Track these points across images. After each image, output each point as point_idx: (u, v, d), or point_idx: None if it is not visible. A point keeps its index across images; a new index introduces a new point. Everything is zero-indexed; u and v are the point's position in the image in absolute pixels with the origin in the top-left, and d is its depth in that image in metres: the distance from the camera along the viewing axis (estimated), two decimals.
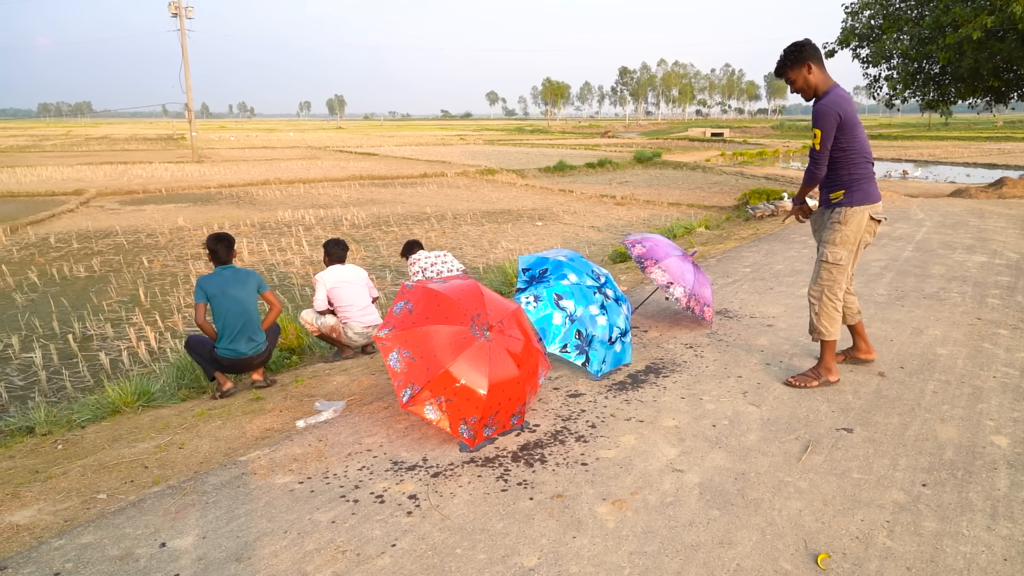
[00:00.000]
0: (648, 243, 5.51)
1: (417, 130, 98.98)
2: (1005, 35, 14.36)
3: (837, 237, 4.07)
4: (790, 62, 3.96)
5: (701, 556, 2.62)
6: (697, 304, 5.30)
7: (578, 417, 3.87)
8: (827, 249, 4.11)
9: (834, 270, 4.10)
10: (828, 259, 4.10)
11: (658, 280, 5.27)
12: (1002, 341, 5.13)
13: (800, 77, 3.96)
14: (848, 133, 3.89)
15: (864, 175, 4.01)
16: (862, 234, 4.07)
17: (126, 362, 6.61)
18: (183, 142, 52.03)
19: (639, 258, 5.41)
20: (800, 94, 4.04)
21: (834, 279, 4.11)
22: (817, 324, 4.17)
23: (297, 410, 4.20)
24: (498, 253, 11.61)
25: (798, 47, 3.95)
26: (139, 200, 19.27)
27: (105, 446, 3.89)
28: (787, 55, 3.98)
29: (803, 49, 3.93)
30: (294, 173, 26.43)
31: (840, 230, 4.06)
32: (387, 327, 3.57)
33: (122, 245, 12.60)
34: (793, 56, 3.95)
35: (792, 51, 3.96)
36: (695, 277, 5.41)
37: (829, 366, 4.22)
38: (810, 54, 3.93)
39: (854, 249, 4.11)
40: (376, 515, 2.90)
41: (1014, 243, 9.17)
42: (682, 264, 5.40)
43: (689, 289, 5.27)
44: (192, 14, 35.60)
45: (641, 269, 5.43)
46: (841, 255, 4.07)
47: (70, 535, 2.79)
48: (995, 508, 2.95)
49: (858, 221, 4.03)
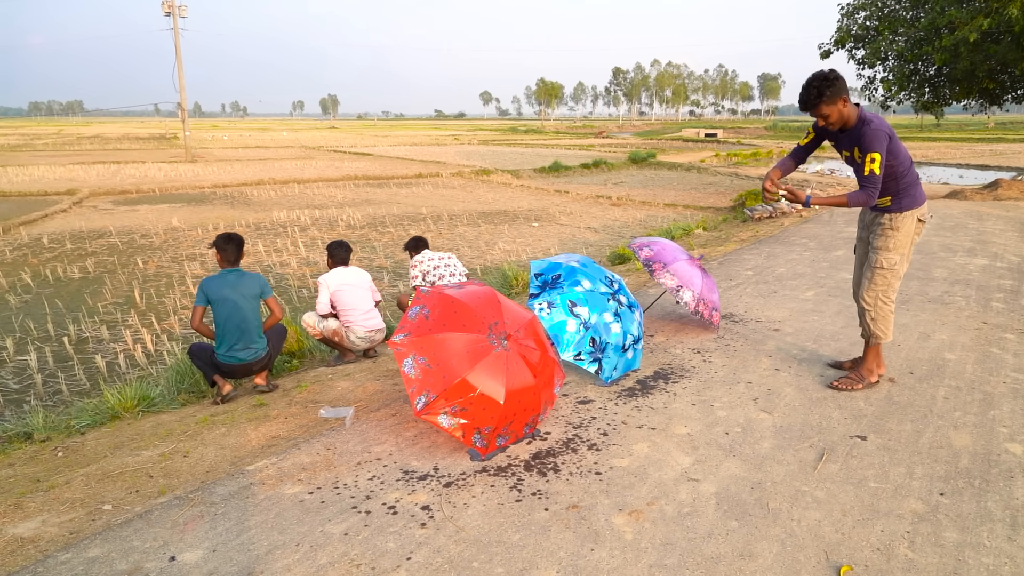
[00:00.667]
0: (656, 247, 5.48)
1: (411, 130, 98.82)
2: (1000, 37, 14.40)
3: (890, 243, 4.08)
4: (827, 96, 3.76)
5: (722, 569, 2.58)
6: (706, 308, 5.27)
7: (589, 425, 3.82)
8: (880, 255, 4.11)
9: (889, 275, 4.12)
10: (883, 265, 4.11)
11: (667, 284, 5.23)
12: (1009, 346, 5.11)
13: (835, 111, 3.82)
14: (896, 146, 3.88)
15: (912, 181, 4.03)
16: (912, 236, 4.11)
17: (122, 365, 6.53)
18: (176, 141, 51.78)
19: (647, 261, 5.37)
20: (829, 127, 3.93)
21: (888, 283, 4.14)
22: (874, 328, 4.20)
23: (303, 416, 4.14)
24: (495, 254, 11.56)
25: (832, 80, 3.76)
26: (133, 200, 19.13)
27: (107, 454, 3.82)
28: (821, 90, 3.76)
29: (837, 82, 3.76)
30: (288, 173, 26.30)
31: (892, 236, 4.07)
32: (402, 332, 3.50)
33: (116, 246, 12.49)
34: (830, 90, 3.75)
35: (827, 84, 3.75)
36: (703, 281, 5.38)
37: (873, 367, 4.30)
38: (844, 87, 3.78)
39: (906, 253, 4.13)
40: (389, 527, 2.84)
41: (1014, 246, 9.18)
42: (690, 268, 5.37)
43: (698, 293, 5.24)
44: (186, 13, 35.41)
45: (650, 273, 5.38)
46: (895, 260, 4.09)
47: (76, 548, 2.72)
48: (1015, 518, 2.92)
49: (908, 226, 4.06)
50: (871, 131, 3.78)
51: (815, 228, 10.91)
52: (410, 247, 6.49)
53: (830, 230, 10.61)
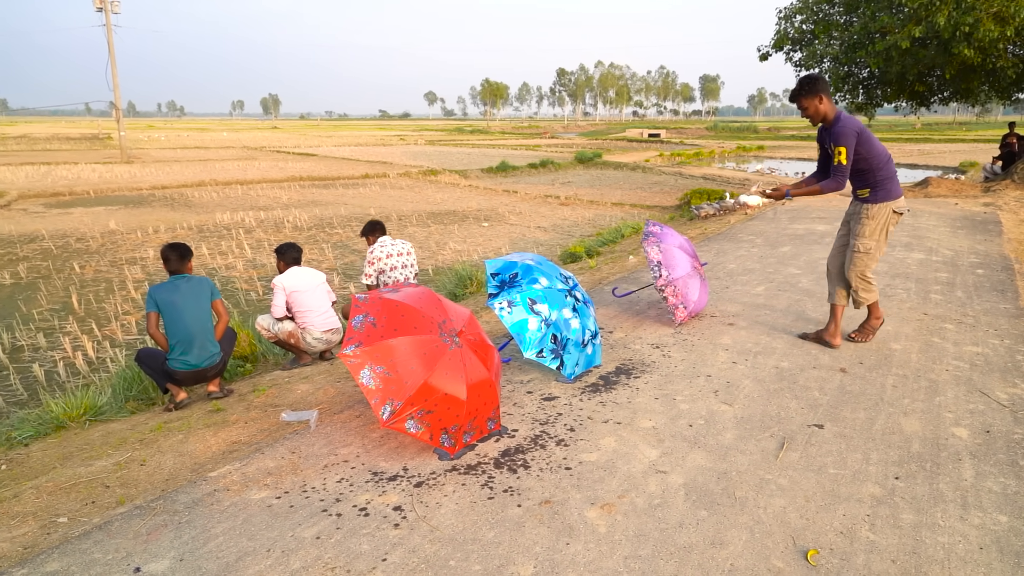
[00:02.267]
0: (666, 230, 5.84)
1: (355, 130, 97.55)
2: (929, 43, 15.04)
3: (866, 230, 4.77)
4: (805, 91, 4.55)
5: (695, 558, 2.62)
6: (675, 295, 5.46)
7: (555, 421, 3.84)
8: (858, 241, 4.81)
9: (865, 257, 4.81)
10: (860, 249, 4.81)
11: (650, 255, 5.53)
12: (949, 335, 5.34)
13: (812, 105, 4.57)
14: (868, 144, 4.55)
15: (887, 176, 4.69)
16: (887, 224, 4.76)
17: (63, 374, 6.28)
18: (110, 142, 49.94)
19: (648, 233, 5.72)
20: (810, 120, 4.65)
21: (866, 263, 4.83)
22: (860, 298, 4.94)
23: (263, 421, 4.05)
24: (447, 255, 11.51)
25: (813, 80, 4.55)
26: (66, 203, 18.38)
27: (56, 465, 3.66)
28: (803, 86, 4.57)
29: (817, 82, 4.53)
30: (231, 174, 25.66)
31: (867, 223, 4.76)
32: (352, 343, 3.38)
33: (50, 250, 11.99)
34: (808, 87, 4.54)
35: (808, 82, 4.56)
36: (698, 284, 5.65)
37: (877, 314, 5.08)
38: (823, 87, 4.52)
39: (880, 238, 4.78)
40: (362, 529, 2.80)
41: (947, 240, 9.60)
42: (683, 258, 5.61)
43: (673, 277, 5.45)
44: (118, 8, 34.20)
45: (644, 239, 5.70)
46: (870, 245, 4.78)
47: (33, 563, 2.60)
48: (965, 498, 3.06)
49: (883, 215, 4.73)
50: (839, 128, 4.54)
51: (761, 225, 11.20)
52: (367, 232, 6.34)
53: (775, 227, 10.91)
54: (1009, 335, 5.35)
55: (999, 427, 3.76)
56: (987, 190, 16.19)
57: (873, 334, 5.14)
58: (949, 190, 16.21)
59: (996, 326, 5.58)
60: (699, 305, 5.69)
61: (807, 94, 4.57)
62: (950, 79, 16.42)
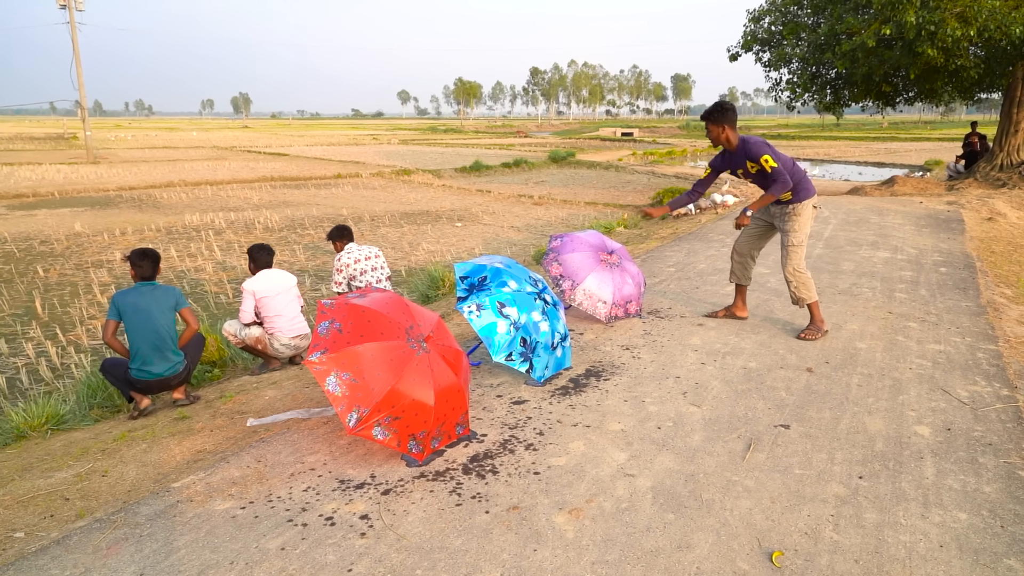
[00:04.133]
0: (567, 238, 5.90)
1: (328, 129, 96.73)
2: (894, 43, 15.30)
3: (795, 226, 5.18)
4: (714, 118, 5.02)
5: (661, 561, 2.64)
6: (589, 299, 5.60)
7: (525, 425, 3.84)
8: (791, 236, 5.20)
9: (799, 250, 5.20)
10: (794, 243, 5.20)
11: (551, 273, 5.70)
12: (913, 334, 5.43)
13: (715, 131, 5.06)
14: (776, 154, 5.00)
15: (800, 177, 5.13)
16: (810, 221, 5.24)
17: (25, 381, 6.14)
18: (75, 141, 48.97)
19: (549, 250, 5.86)
20: (712, 142, 5.12)
21: (800, 256, 5.20)
22: (799, 294, 5.25)
23: (229, 428, 3.99)
24: (420, 256, 11.46)
25: (724, 110, 4.99)
26: (29, 204, 17.98)
27: (15, 477, 3.57)
28: (712, 113, 5.02)
29: (727, 112, 4.99)
30: (200, 175, 25.30)
31: (797, 219, 5.18)
32: (318, 350, 3.33)
33: (12, 253, 11.71)
34: (718, 115, 5.00)
35: (718, 111, 5.00)
36: (615, 275, 5.71)
37: (821, 318, 5.34)
38: (731, 120, 5.01)
39: (807, 232, 5.22)
40: (328, 539, 2.77)
41: (911, 239, 9.78)
42: (584, 258, 5.70)
43: (578, 282, 5.58)
44: (83, 6, 33.54)
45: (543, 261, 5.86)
46: (801, 238, 5.19)
47: None
48: (926, 496, 3.11)
49: (807, 211, 5.18)
50: (751, 145, 4.99)
51: (731, 225, 11.31)
52: (334, 237, 6.26)
53: None
54: (970, 333, 5.46)
55: (960, 425, 3.83)
56: (951, 188, 16.52)
57: (820, 334, 5.30)
58: (915, 188, 16.52)
59: (958, 324, 5.69)
60: (632, 295, 5.80)
61: (715, 120, 5.02)
62: (915, 79, 16.72)
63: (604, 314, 5.62)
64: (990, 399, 4.18)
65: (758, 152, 4.93)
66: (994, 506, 3.03)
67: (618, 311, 5.69)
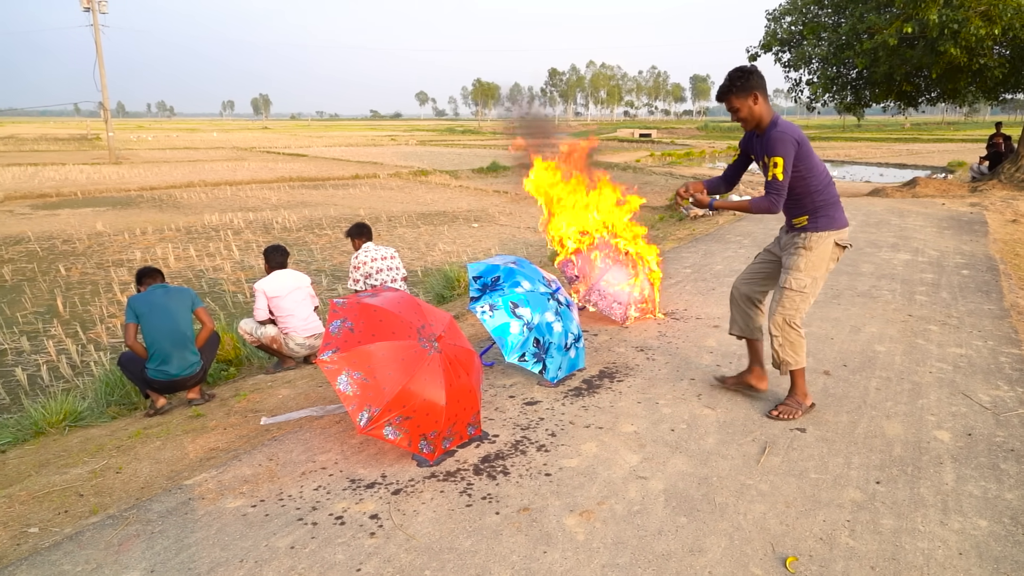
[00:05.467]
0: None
1: (346, 130, 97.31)
2: (916, 42, 15.10)
3: (801, 263, 3.75)
4: (736, 88, 3.61)
5: (673, 565, 2.61)
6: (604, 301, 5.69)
7: (537, 426, 3.82)
8: (791, 276, 3.78)
9: (797, 298, 3.77)
10: (792, 286, 3.77)
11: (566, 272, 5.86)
12: (933, 337, 5.34)
13: (745, 106, 3.63)
14: (807, 160, 3.61)
15: (829, 200, 3.72)
16: (828, 261, 3.78)
17: (46, 378, 6.21)
18: (98, 142, 49.66)
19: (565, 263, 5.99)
20: (742, 123, 3.72)
21: (796, 307, 3.79)
22: (783, 355, 3.85)
23: (243, 427, 4.01)
24: (436, 256, 11.47)
25: (746, 74, 3.60)
26: (53, 204, 18.24)
27: (32, 473, 3.61)
28: (733, 81, 3.61)
29: (751, 77, 3.60)
30: (220, 175, 25.53)
31: (805, 256, 3.75)
32: (329, 349, 3.34)
33: (36, 252, 11.88)
34: (740, 83, 3.59)
35: (739, 77, 3.60)
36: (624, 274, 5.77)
37: (805, 391, 3.96)
38: (757, 83, 3.60)
39: (819, 276, 3.78)
40: (338, 538, 2.77)
41: (933, 241, 9.64)
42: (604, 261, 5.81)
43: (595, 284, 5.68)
44: (106, 8, 33.99)
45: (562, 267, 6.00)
46: (805, 282, 3.75)
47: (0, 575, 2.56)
48: (945, 503, 3.05)
49: (823, 248, 3.74)
50: (776, 134, 3.57)
51: (749, 226, 11.22)
52: (353, 234, 6.30)
53: (763, 228, 10.92)
54: (992, 336, 5.36)
55: (981, 430, 3.75)
56: (974, 190, 16.27)
57: (799, 411, 3.91)
58: (936, 190, 16.29)
59: (980, 327, 5.59)
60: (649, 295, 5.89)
61: (739, 91, 3.61)
62: (937, 79, 16.48)
63: (620, 315, 5.58)
64: (1013, 404, 4.10)
65: (774, 150, 3.57)
66: (1016, 513, 2.96)
67: (631, 311, 5.65)
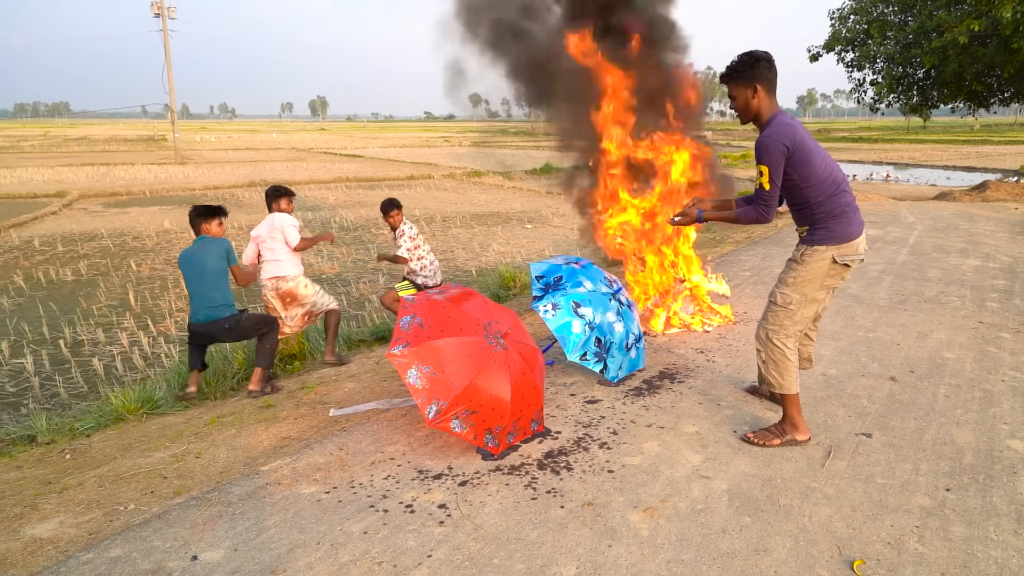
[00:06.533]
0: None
1: (401, 132, 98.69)
2: (988, 40, 14.60)
3: (789, 277, 3.48)
4: (737, 75, 3.34)
5: (738, 564, 2.62)
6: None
7: (599, 424, 3.86)
8: (777, 289, 3.53)
9: (781, 313, 3.48)
10: (776, 300, 3.51)
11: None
12: (1006, 345, 5.19)
13: (742, 97, 3.36)
14: (804, 164, 3.27)
15: (834, 211, 3.36)
16: (823, 279, 3.44)
17: (120, 368, 6.51)
18: (164, 143, 51.48)
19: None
20: (738, 115, 3.43)
21: (780, 323, 3.48)
22: (765, 373, 3.57)
23: (312, 417, 4.16)
24: (490, 256, 11.58)
25: (752, 60, 3.31)
26: (123, 202, 19.03)
27: (116, 456, 3.82)
28: (735, 67, 3.35)
29: (756, 65, 3.30)
30: (279, 175, 26.21)
31: (795, 270, 3.46)
32: (400, 343, 3.45)
33: (108, 248, 12.43)
34: (741, 70, 3.33)
35: (742, 65, 3.33)
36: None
37: (795, 422, 3.55)
38: (763, 74, 3.30)
39: (808, 292, 3.45)
40: (408, 525, 2.87)
41: (1005, 246, 9.31)
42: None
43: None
44: (175, 14, 35.25)
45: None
46: (791, 298, 3.45)
47: (97, 549, 2.73)
48: (1020, 512, 2.98)
49: (818, 264, 3.41)
50: (763, 140, 3.26)
51: None
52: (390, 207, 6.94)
53: None
54: None
55: None
56: None
57: (781, 439, 3.53)
58: (1009, 194, 15.68)
59: None
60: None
61: (740, 79, 3.32)
62: (1010, 78, 15.89)
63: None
64: None
65: (758, 156, 3.28)
66: None
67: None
